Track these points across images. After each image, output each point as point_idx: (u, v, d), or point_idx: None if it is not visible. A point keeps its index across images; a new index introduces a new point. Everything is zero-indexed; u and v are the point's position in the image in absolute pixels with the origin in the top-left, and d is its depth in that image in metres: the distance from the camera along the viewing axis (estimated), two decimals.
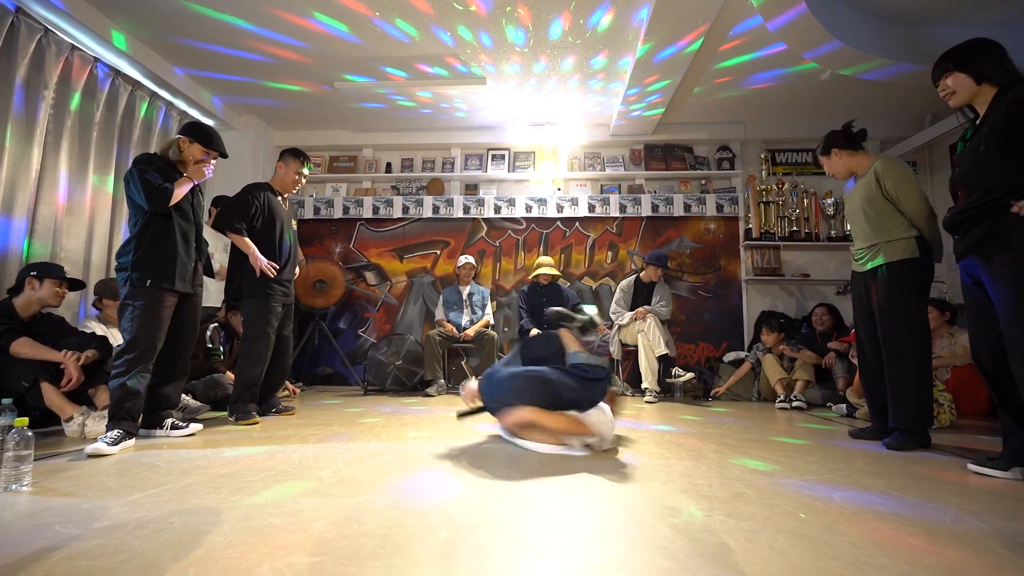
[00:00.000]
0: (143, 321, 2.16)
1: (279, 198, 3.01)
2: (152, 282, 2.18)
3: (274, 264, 2.83)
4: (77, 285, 2.70)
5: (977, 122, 1.84)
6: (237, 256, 2.85)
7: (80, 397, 2.45)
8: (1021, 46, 3.13)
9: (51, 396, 2.30)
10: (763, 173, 4.85)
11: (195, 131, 2.38)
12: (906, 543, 1.12)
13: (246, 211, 2.82)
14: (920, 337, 2.24)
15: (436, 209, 5.00)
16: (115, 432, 2.01)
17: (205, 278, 2.61)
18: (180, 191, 2.27)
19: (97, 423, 2.27)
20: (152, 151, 2.58)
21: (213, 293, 3.70)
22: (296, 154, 3.02)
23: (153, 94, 3.94)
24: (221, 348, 3.34)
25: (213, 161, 2.42)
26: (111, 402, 2.10)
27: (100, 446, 1.92)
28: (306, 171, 3.05)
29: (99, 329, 2.83)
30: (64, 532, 1.14)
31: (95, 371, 2.47)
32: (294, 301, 3.09)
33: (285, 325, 3.00)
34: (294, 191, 3.09)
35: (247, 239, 2.78)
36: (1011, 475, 1.69)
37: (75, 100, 3.27)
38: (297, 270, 3.15)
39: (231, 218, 2.79)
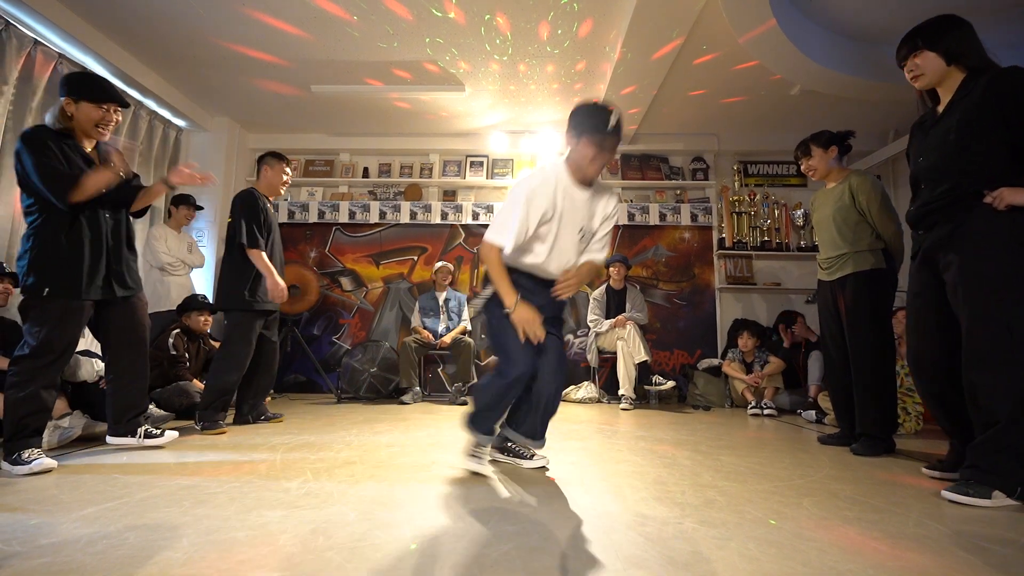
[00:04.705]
0: (47, 329, 1.83)
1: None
2: (50, 291, 1.83)
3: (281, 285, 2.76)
4: None
5: (940, 109, 1.74)
6: (233, 268, 2.74)
7: None
8: None
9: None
10: (735, 184, 4.96)
11: (79, 86, 1.90)
12: (871, 547, 1.14)
13: (260, 225, 2.73)
14: (885, 345, 2.31)
15: (414, 215, 4.96)
16: (29, 452, 1.75)
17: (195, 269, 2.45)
18: (93, 182, 1.84)
19: (51, 434, 2.16)
20: (108, 146, 2.08)
21: (173, 295, 3.58)
22: (279, 156, 2.97)
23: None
24: (186, 355, 3.24)
25: (190, 170, 2.11)
26: (8, 418, 1.77)
27: (45, 462, 1.74)
28: (288, 171, 3.01)
29: None
30: (5, 550, 1.07)
31: None
32: (278, 307, 3.00)
33: (271, 331, 2.93)
34: (281, 193, 3.02)
35: (264, 256, 2.71)
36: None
37: (38, 97, 3.14)
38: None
39: (255, 235, 2.70)
